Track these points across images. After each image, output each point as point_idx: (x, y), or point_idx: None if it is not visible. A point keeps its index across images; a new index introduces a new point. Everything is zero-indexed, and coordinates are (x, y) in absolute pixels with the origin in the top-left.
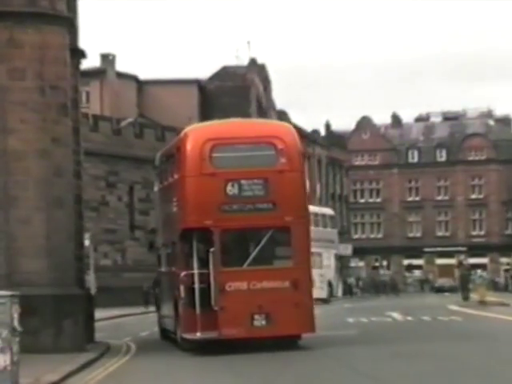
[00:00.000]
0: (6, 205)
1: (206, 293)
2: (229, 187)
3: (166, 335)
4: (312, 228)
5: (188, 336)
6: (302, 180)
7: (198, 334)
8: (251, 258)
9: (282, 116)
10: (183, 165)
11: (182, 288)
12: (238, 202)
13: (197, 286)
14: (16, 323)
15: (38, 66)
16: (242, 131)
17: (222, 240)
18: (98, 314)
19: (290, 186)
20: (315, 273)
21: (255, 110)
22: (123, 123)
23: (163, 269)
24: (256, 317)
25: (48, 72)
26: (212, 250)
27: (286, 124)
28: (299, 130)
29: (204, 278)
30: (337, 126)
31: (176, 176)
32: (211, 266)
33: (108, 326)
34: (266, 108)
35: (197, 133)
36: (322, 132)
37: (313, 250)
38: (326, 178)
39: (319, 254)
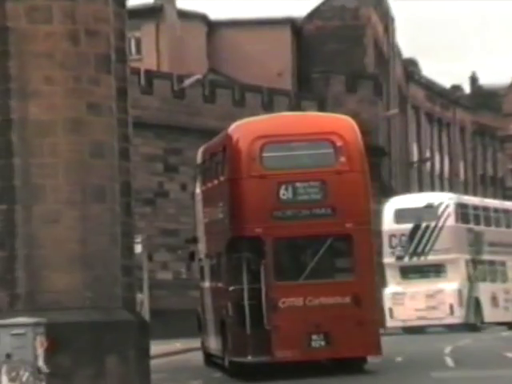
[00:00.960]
0: (26, 198)
1: (257, 310)
2: (282, 191)
3: (212, 361)
4: (492, 229)
5: (237, 359)
6: (365, 181)
7: (249, 358)
8: (308, 270)
9: (411, 66)
10: (230, 166)
11: (229, 305)
12: (292, 208)
13: (246, 302)
14: (41, 362)
15: (68, 4)
16: (296, 127)
17: (275, 250)
18: (155, 347)
19: (351, 189)
20: (497, 288)
21: (372, 60)
22: (188, 82)
23: (207, 284)
24: (314, 337)
25: (82, 11)
26: (263, 261)
27: (345, 117)
28: (432, 86)
29: (255, 294)
30: (486, 81)
31: (222, 178)
32: (262, 280)
33: (169, 364)
34: (387, 56)
35: (245, 129)
36: (466, 89)
37: (494, 257)
38: (472, 154)
39: (502, 263)
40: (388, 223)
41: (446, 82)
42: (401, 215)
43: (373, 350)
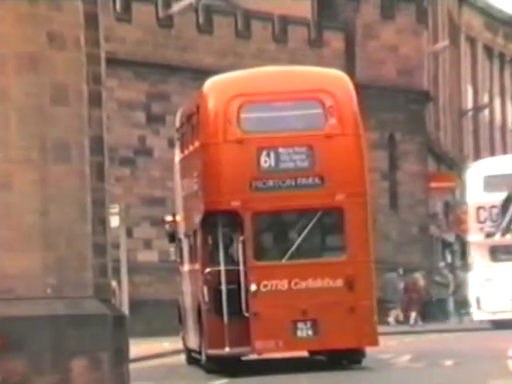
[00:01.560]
0: None
1: (235, 295)
2: (263, 158)
3: (194, 358)
4: None
5: (213, 352)
6: (359, 146)
7: (227, 350)
8: (293, 249)
9: None
10: (203, 129)
11: (205, 290)
12: (274, 177)
13: (224, 286)
14: None
15: None
16: (280, 84)
17: (255, 226)
18: (136, 347)
19: (343, 155)
20: None
21: None
22: (177, 6)
23: (185, 267)
24: (300, 325)
25: None
26: (241, 239)
27: (338, 73)
28: (492, 12)
29: (233, 277)
30: None
31: (196, 144)
32: (241, 261)
33: (154, 369)
34: None
35: (221, 86)
36: None
37: None
38: None
39: None
40: (474, 193)
41: (510, 6)
42: (491, 183)
43: (367, 341)
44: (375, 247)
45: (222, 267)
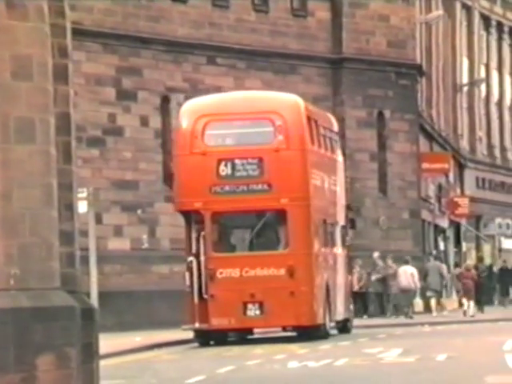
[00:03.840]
0: None
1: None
2: (221, 167)
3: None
4: None
5: (187, 327)
6: (303, 159)
7: (197, 325)
8: (244, 243)
9: None
10: (176, 143)
11: (187, 276)
12: (230, 183)
13: (195, 272)
14: None
15: None
16: (239, 106)
17: (213, 224)
18: (106, 343)
19: (288, 166)
20: None
21: None
22: None
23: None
24: (249, 306)
25: None
26: (203, 234)
27: (291, 97)
28: None
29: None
30: None
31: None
32: (202, 252)
33: (125, 365)
34: None
35: (191, 107)
36: None
37: None
38: None
39: None
40: None
41: None
42: None
43: (304, 320)
44: (364, 233)
45: (192, 257)
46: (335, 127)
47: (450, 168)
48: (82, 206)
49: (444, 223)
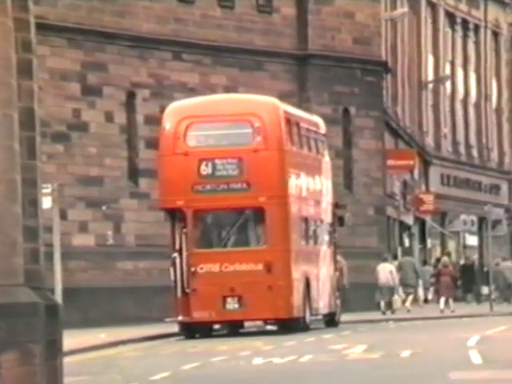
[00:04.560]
0: None
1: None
2: (202, 167)
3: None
4: None
5: (170, 320)
6: (280, 159)
7: (180, 318)
8: (224, 239)
9: None
10: (160, 144)
11: (171, 271)
12: (211, 182)
13: (178, 267)
14: None
15: None
16: (220, 108)
17: (195, 221)
18: (70, 340)
19: (266, 166)
20: None
21: None
22: None
23: None
24: (228, 300)
25: None
26: (185, 230)
27: (269, 99)
28: None
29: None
30: None
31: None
32: (184, 247)
33: (91, 363)
34: None
35: (174, 110)
36: None
37: None
38: (509, 70)
39: None
40: None
41: None
42: None
43: (281, 313)
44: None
45: (176, 253)
46: (321, 129)
47: (415, 165)
48: (47, 202)
49: (409, 220)
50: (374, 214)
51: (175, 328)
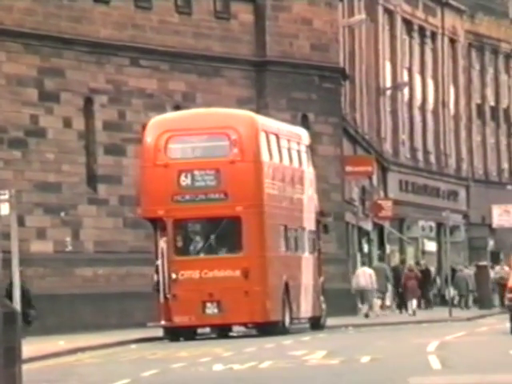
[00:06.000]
0: None
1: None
2: (182, 178)
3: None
4: None
5: (152, 324)
6: (256, 170)
7: (162, 322)
8: (203, 247)
9: None
10: (142, 155)
11: (155, 277)
12: (190, 193)
13: (161, 274)
14: None
15: None
16: (199, 122)
17: (175, 230)
18: (28, 347)
19: (242, 177)
20: None
21: None
22: None
23: None
24: (208, 305)
25: None
26: (165, 239)
27: (246, 113)
28: None
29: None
30: None
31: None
32: (165, 255)
33: (50, 370)
34: None
35: (156, 124)
36: None
37: None
38: (466, 76)
39: None
40: None
41: None
42: None
43: (257, 317)
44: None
45: (159, 260)
46: (305, 140)
47: (373, 171)
48: (4, 209)
49: (368, 226)
50: (332, 220)
51: (137, 334)
